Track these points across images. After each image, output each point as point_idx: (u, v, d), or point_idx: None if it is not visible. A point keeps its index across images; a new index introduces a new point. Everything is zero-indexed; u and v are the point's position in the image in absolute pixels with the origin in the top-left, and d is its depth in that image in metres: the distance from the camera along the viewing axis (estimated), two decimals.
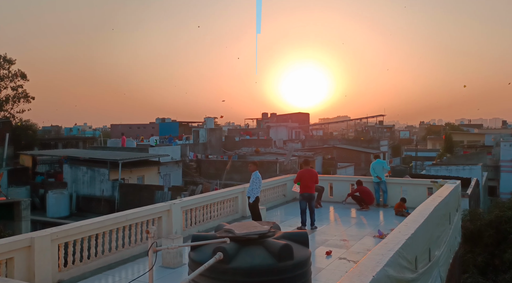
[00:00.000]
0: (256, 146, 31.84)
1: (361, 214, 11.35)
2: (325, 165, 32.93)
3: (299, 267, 3.52)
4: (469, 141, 68.34)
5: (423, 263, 6.63)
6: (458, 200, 11.78)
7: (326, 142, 50.56)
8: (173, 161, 26.72)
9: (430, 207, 7.98)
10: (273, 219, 10.44)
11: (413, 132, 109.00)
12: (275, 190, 12.54)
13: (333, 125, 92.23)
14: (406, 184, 12.87)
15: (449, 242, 9.50)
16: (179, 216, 8.47)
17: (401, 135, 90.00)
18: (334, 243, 8.38)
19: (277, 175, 17.06)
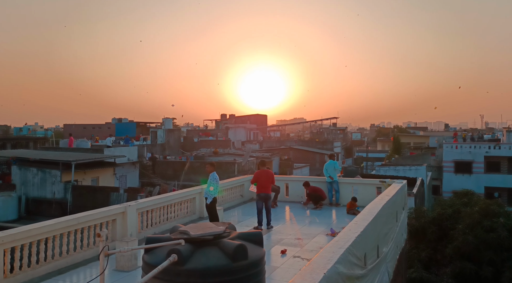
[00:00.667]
0: (215, 146, 31.66)
1: (315, 213, 11.61)
2: (282, 166, 33.36)
3: (253, 266, 3.55)
4: (415, 143, 72.08)
5: (372, 260, 6.86)
6: (404, 199, 12.34)
7: (283, 143, 51.28)
8: (130, 161, 25.96)
9: (378, 205, 8.25)
10: (230, 219, 10.42)
11: (364, 134, 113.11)
12: (232, 190, 12.53)
13: (290, 127, 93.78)
14: (357, 184, 13.29)
15: (396, 238, 9.91)
16: (134, 218, 8.24)
17: (353, 137, 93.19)
18: (289, 241, 8.51)
19: (236, 176, 17.07)
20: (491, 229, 12.12)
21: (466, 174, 41.33)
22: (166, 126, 35.59)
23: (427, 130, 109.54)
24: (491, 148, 41.44)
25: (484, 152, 41.43)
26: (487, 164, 41.56)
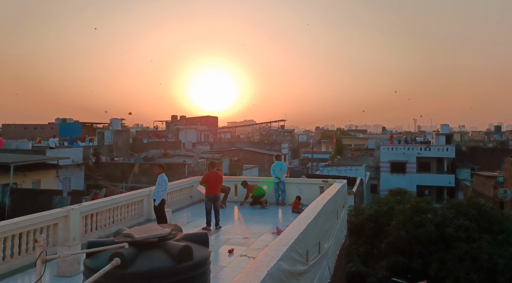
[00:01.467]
0: (165, 148, 30.92)
1: (262, 213, 11.77)
2: (232, 167, 33.40)
3: (198, 267, 3.55)
4: (356, 144, 75.44)
5: (314, 256, 7.07)
6: (344, 198, 12.87)
7: (233, 145, 51.36)
8: (74, 163, 24.58)
9: (320, 204, 8.51)
10: (179, 221, 10.27)
11: (310, 136, 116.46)
12: (182, 192, 12.34)
13: (240, 129, 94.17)
14: (302, 184, 13.63)
15: (337, 235, 10.30)
16: (77, 222, 7.84)
17: (300, 139, 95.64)
18: (236, 241, 8.56)
19: (186, 177, 16.82)
20: (421, 225, 13.00)
21: (401, 174, 43.85)
22: (114, 127, 34.15)
23: (367, 133, 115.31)
24: (423, 150, 44.28)
25: (416, 153, 44.12)
26: (419, 164, 44.35)
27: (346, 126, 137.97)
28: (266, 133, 76.02)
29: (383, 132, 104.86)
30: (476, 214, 12.87)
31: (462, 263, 11.70)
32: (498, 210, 13.85)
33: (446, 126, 47.62)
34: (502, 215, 13.57)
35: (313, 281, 6.76)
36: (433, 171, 43.80)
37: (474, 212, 12.91)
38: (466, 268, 11.48)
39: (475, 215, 12.81)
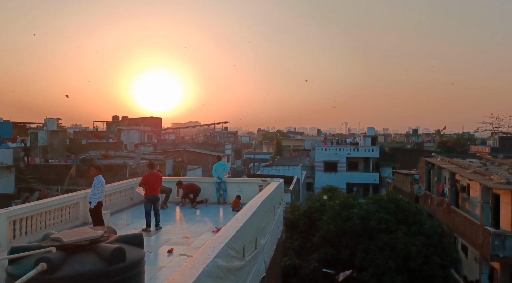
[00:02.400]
0: (106, 149, 29.29)
1: (203, 212, 11.68)
2: (176, 167, 32.67)
3: (132, 268, 3.44)
4: (294, 145, 77.73)
5: (250, 251, 7.16)
6: (281, 195, 13.20)
7: (178, 146, 50.25)
8: (4, 165, 22.40)
9: (258, 202, 8.65)
10: (118, 223, 9.83)
11: (252, 138, 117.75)
12: (121, 193, 11.81)
13: (185, 130, 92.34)
14: (242, 183, 13.75)
15: (273, 231, 10.54)
16: (4, 227, 7.17)
17: (242, 140, 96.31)
18: (176, 241, 8.41)
19: (127, 179, 16.13)
20: (348, 219, 13.78)
21: (333, 172, 45.94)
22: (49, 127, 31.63)
23: (304, 135, 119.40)
24: (352, 150, 46.79)
25: (346, 154, 46.47)
26: (349, 164, 46.74)
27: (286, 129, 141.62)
28: (210, 134, 75.41)
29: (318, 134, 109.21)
30: (395, 208, 13.94)
31: (382, 252, 12.59)
32: (412, 204, 15.11)
33: (372, 129, 50.78)
34: (416, 208, 14.84)
35: (249, 275, 6.85)
36: (361, 169, 46.43)
37: (393, 206, 13.97)
38: (386, 256, 12.37)
39: (393, 209, 13.87)
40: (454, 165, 21.59)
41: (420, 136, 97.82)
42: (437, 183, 22.69)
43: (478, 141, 76.06)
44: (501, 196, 16.06)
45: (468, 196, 19.09)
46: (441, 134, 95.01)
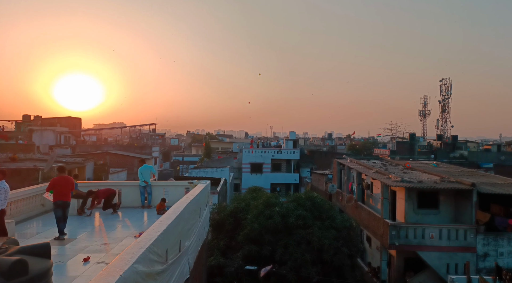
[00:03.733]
0: (14, 151, 26.02)
1: (126, 216, 11.05)
2: (97, 171, 30.37)
3: (35, 281, 3.10)
4: (222, 148, 77.79)
5: (174, 254, 6.94)
6: (208, 197, 13.07)
7: (100, 148, 46.86)
8: None
9: (183, 204, 8.44)
10: (26, 232, 8.79)
11: (181, 140, 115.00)
12: (31, 200, 10.59)
13: (108, 131, 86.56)
14: (168, 186, 13.31)
15: (199, 232, 10.36)
16: None
17: (171, 142, 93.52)
18: (94, 248, 7.80)
19: (39, 183, 14.54)
20: (270, 217, 14.18)
21: (259, 173, 46.98)
22: None
23: (232, 137, 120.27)
24: (276, 153, 48.44)
25: (271, 156, 47.93)
26: (273, 165, 48.25)
27: (215, 132, 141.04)
28: (136, 136, 71.76)
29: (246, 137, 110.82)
30: (311, 205, 14.73)
31: (300, 246, 13.20)
32: (326, 201, 16.11)
33: (293, 133, 53.11)
34: (329, 205, 15.88)
35: (172, 278, 6.64)
36: (283, 170, 48.22)
37: (309, 204, 14.74)
38: (303, 250, 13.00)
39: (310, 206, 14.65)
40: (361, 165, 23.58)
41: (334, 140, 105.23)
42: (347, 181, 24.53)
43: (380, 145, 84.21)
44: (397, 192, 17.96)
45: (372, 192, 20.97)
46: (351, 138, 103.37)
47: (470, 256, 15.61)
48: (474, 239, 15.73)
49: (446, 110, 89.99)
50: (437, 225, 16.17)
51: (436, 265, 15.66)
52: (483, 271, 15.24)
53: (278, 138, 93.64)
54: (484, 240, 15.74)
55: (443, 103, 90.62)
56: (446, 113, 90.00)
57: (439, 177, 18.23)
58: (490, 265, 15.41)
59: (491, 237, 15.74)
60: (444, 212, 17.24)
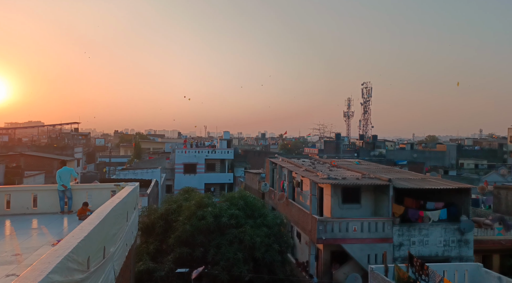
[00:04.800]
0: None
1: (44, 223, 10.15)
2: (9, 174, 27.33)
3: None
4: (154, 148, 75.16)
5: (97, 261, 6.60)
6: (136, 199, 12.56)
7: (12, 149, 42.18)
8: None
9: (107, 208, 8.05)
10: None
11: (108, 140, 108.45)
12: None
13: (23, 131, 78.18)
14: (92, 189, 12.53)
15: (126, 237, 9.93)
16: None
17: (96, 142, 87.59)
18: (3, 260, 7.05)
19: None
20: (203, 217, 14.12)
21: (192, 174, 46.36)
22: None
23: (164, 137, 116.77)
24: (210, 153, 48.25)
25: (205, 156, 47.65)
26: (207, 165, 48.05)
27: (146, 131, 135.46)
28: (56, 136, 65.91)
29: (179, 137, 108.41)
30: (244, 204, 15.01)
31: (232, 246, 13.38)
32: (259, 200, 16.53)
33: (227, 133, 53.41)
34: (261, 203, 16.33)
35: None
36: (218, 170, 48.27)
37: (242, 203, 15.01)
38: (235, 249, 13.20)
39: (243, 205, 14.92)
40: (292, 164, 24.64)
41: (267, 139, 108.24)
42: (279, 180, 25.43)
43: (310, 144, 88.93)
44: (324, 189, 19.15)
45: (302, 190, 22.04)
46: (283, 138, 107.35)
47: (388, 246, 17.24)
48: (391, 230, 17.40)
49: (367, 112, 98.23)
50: (359, 218, 17.57)
51: (358, 256, 17.02)
52: (398, 260, 16.93)
53: (212, 138, 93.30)
54: (399, 231, 17.50)
55: (364, 105, 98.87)
56: (367, 114, 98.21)
57: (360, 174, 19.83)
58: (404, 254, 17.16)
59: (405, 228, 17.55)
60: (365, 206, 18.79)
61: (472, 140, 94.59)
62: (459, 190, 18.24)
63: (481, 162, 64.06)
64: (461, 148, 71.07)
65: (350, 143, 76.83)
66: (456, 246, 17.70)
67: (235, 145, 69.11)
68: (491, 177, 46.27)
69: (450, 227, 17.65)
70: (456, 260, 17.32)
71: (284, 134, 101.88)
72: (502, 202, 22.00)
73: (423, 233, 17.61)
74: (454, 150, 65.78)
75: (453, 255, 17.57)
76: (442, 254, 17.56)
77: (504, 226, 19.31)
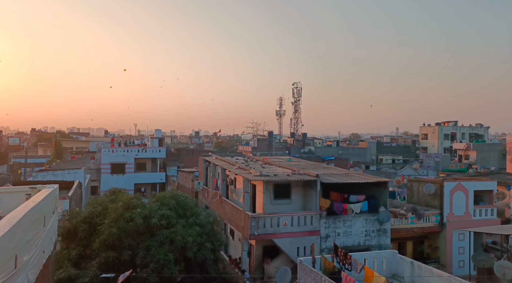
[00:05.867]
0: None
1: None
2: None
3: None
4: (77, 147, 69.79)
5: (7, 272, 6.05)
6: (55, 203, 11.64)
7: None
8: None
9: (20, 213, 7.39)
10: None
11: (24, 139, 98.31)
12: None
13: None
14: (3, 193, 11.35)
15: (43, 243, 9.19)
16: None
17: (10, 141, 78.83)
18: None
19: None
20: (131, 219, 13.56)
21: (121, 174, 44.16)
22: None
23: (90, 136, 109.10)
24: (140, 151, 46.39)
25: (135, 155, 45.77)
26: (137, 165, 46.21)
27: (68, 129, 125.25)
28: None
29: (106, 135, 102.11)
30: (176, 203, 14.74)
31: (163, 247, 13.07)
32: (191, 199, 16.34)
33: (159, 131, 51.80)
34: (194, 202, 16.17)
35: None
36: (149, 169, 46.71)
37: (174, 202, 14.73)
38: (166, 250, 12.92)
39: (174, 204, 14.64)
40: (225, 162, 24.82)
41: (201, 138, 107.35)
42: (212, 178, 25.44)
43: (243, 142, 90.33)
44: (257, 186, 19.65)
45: (235, 188, 22.34)
46: (217, 136, 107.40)
47: (316, 238, 18.29)
48: (318, 223, 18.48)
49: (297, 110, 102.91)
50: (290, 213, 18.37)
51: (289, 250, 17.80)
52: (325, 251, 18.05)
53: (143, 137, 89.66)
54: (326, 224, 18.67)
55: (295, 104, 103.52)
56: (297, 113, 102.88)
57: (291, 170, 20.72)
58: (330, 245, 18.34)
59: (331, 220, 18.78)
60: (295, 201, 19.69)
61: (390, 138, 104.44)
62: (378, 184, 20.04)
63: (397, 157, 71.02)
64: (380, 145, 77.97)
65: (282, 140, 79.66)
66: (376, 235, 19.42)
67: (168, 144, 67.34)
68: (406, 171, 51.60)
69: (371, 218, 19.31)
70: (376, 248, 19.01)
71: (218, 132, 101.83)
72: (414, 194, 24.64)
73: (347, 224, 19.01)
74: (374, 146, 71.97)
75: (373, 244, 19.26)
76: (364, 243, 19.14)
77: (416, 215, 21.66)
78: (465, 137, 73.50)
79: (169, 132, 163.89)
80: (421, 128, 79.32)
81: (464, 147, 59.50)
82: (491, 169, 40.92)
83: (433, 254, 22.53)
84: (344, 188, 20.18)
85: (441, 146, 72.72)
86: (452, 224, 21.99)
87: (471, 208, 22.55)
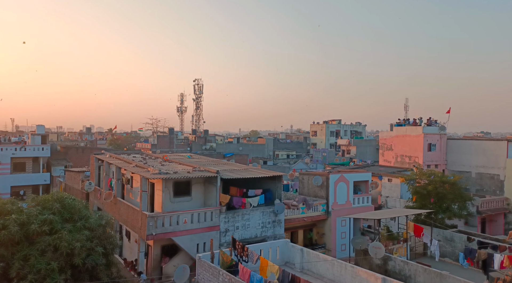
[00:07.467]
0: None
1: None
2: None
3: None
4: None
5: None
6: None
7: None
8: None
9: None
10: None
11: None
12: None
13: None
14: None
15: None
16: None
17: None
18: None
19: None
20: (4, 227, 11.74)
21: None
22: None
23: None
24: (18, 150, 40.56)
25: (11, 154, 40.02)
26: (14, 165, 40.46)
27: None
28: None
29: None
30: (60, 207, 13.25)
31: (45, 255, 11.65)
32: (79, 201, 14.83)
33: (41, 127, 45.94)
34: (83, 204, 14.74)
35: None
36: (29, 170, 41.22)
37: (58, 206, 13.22)
38: (48, 259, 11.55)
39: (59, 208, 13.15)
40: (121, 160, 23.26)
41: (93, 134, 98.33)
42: (106, 178, 23.60)
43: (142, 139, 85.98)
44: (155, 185, 18.95)
45: (132, 187, 21.14)
46: (113, 133, 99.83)
47: (215, 233, 18.51)
48: (218, 218, 18.74)
49: (199, 107, 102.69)
50: (189, 210, 18.20)
51: (188, 247, 17.64)
52: (224, 245, 18.40)
53: (22, 133, 78.03)
54: (225, 218, 19.04)
55: (196, 101, 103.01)
56: (199, 110, 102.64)
57: (192, 167, 20.53)
58: (230, 239, 18.82)
59: (230, 215, 19.22)
60: (196, 198, 19.59)
61: (285, 135, 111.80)
62: (273, 178, 21.26)
63: (291, 152, 76.50)
64: (277, 141, 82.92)
65: (183, 137, 78.29)
66: (271, 226, 20.60)
67: (53, 141, 60.08)
68: (298, 165, 55.95)
69: (267, 210, 20.40)
70: (271, 238, 20.17)
71: (114, 129, 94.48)
72: (305, 186, 26.84)
73: (245, 218, 19.73)
74: (271, 142, 76.21)
75: (269, 235, 20.39)
76: (261, 234, 20.13)
77: (306, 205, 23.66)
78: (347, 134, 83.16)
79: (55, 128, 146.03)
80: (311, 126, 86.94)
81: (346, 142, 67.19)
82: (367, 162, 47.10)
83: (320, 240, 24.94)
84: (243, 182, 20.87)
85: (328, 141, 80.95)
86: (336, 212, 24.66)
87: (352, 197, 25.62)
